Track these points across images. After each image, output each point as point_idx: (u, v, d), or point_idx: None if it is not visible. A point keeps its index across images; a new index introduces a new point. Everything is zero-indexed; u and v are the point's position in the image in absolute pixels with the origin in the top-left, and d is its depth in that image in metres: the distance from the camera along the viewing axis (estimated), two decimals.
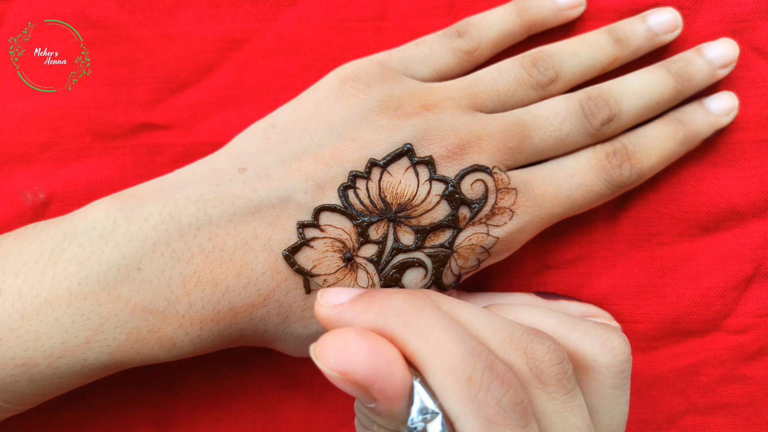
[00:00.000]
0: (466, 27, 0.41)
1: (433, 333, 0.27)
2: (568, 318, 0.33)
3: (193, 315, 0.34)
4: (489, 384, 0.26)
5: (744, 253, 0.43)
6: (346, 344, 0.27)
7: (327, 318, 0.29)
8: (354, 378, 0.26)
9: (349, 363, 0.26)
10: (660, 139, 0.40)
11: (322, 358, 0.27)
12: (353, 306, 0.29)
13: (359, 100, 0.37)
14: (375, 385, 0.26)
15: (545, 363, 0.28)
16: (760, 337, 0.43)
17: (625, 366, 0.31)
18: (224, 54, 0.43)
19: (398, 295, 0.29)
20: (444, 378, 0.26)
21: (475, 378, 0.26)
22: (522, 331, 0.29)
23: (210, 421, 0.43)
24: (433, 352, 0.27)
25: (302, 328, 0.36)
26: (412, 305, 0.28)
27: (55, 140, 0.42)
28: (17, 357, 0.32)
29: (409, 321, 0.28)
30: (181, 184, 0.36)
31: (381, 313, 0.28)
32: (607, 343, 0.31)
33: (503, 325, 0.30)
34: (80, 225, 0.34)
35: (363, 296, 0.29)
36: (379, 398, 0.27)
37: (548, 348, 0.29)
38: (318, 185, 0.35)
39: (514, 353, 0.29)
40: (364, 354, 0.27)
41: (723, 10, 0.43)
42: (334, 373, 0.27)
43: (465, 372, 0.26)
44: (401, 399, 0.27)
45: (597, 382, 0.31)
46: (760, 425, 0.43)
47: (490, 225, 0.36)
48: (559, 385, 0.29)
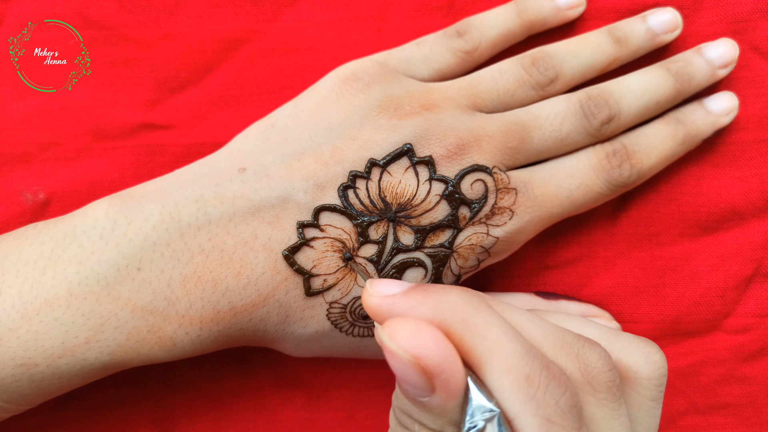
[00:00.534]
0: (466, 27, 0.41)
1: (491, 331, 0.27)
2: (609, 329, 0.33)
3: (193, 315, 0.34)
4: (547, 384, 0.26)
5: (744, 253, 0.43)
6: (419, 330, 0.26)
7: (377, 308, 0.29)
8: (425, 363, 0.25)
9: (423, 347, 0.26)
10: (660, 139, 0.40)
11: (395, 338, 0.26)
12: (407, 298, 0.28)
13: (359, 100, 0.37)
14: (443, 374, 0.26)
15: (597, 369, 0.28)
16: (760, 337, 0.43)
17: (664, 380, 0.31)
18: (224, 54, 0.43)
19: (454, 291, 0.28)
20: (503, 375, 0.26)
21: (534, 377, 0.26)
22: (572, 337, 0.29)
23: (210, 421, 0.43)
24: (491, 349, 0.27)
25: (302, 328, 0.36)
26: (468, 302, 0.28)
27: (55, 140, 0.42)
28: (17, 357, 0.32)
29: (466, 318, 0.27)
30: (181, 184, 0.36)
31: (437, 308, 0.27)
32: (649, 356, 0.31)
33: (553, 329, 0.30)
34: (80, 225, 0.34)
35: (417, 289, 0.29)
36: (441, 390, 0.26)
37: (599, 355, 0.29)
38: (318, 185, 0.35)
39: (566, 357, 0.29)
40: (437, 342, 0.26)
41: (723, 10, 0.43)
42: (406, 355, 0.26)
43: (523, 371, 0.26)
44: (459, 394, 0.26)
45: (638, 394, 0.31)
46: (760, 425, 0.43)
47: (489, 225, 0.36)
48: (609, 392, 0.28)
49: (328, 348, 0.38)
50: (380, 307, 0.29)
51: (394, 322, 0.27)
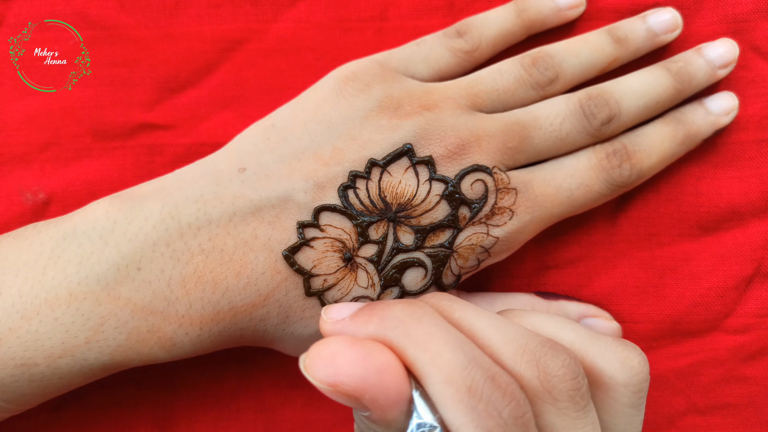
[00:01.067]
0: (466, 27, 0.41)
1: (432, 342, 0.27)
2: (588, 331, 0.32)
3: (192, 315, 0.34)
4: (490, 395, 0.26)
5: (744, 253, 0.43)
6: (334, 355, 0.27)
7: (330, 333, 0.29)
8: (343, 390, 0.26)
9: (337, 375, 0.26)
10: (660, 139, 0.40)
11: (310, 371, 0.27)
12: (354, 320, 0.29)
13: (359, 100, 0.37)
14: (366, 395, 0.26)
15: (557, 378, 0.28)
16: (760, 337, 0.43)
17: (643, 386, 0.30)
18: (224, 54, 0.43)
19: (398, 305, 0.29)
20: (443, 387, 0.26)
21: (476, 388, 0.26)
22: (536, 343, 0.28)
23: (210, 421, 0.43)
24: (432, 361, 0.26)
25: (302, 328, 0.36)
26: (410, 315, 0.28)
27: (55, 140, 0.42)
28: (17, 357, 0.32)
29: (407, 330, 0.27)
30: (181, 184, 0.36)
31: (380, 324, 0.28)
32: (626, 361, 0.30)
33: (517, 335, 0.29)
34: (80, 225, 0.34)
35: (363, 309, 0.29)
36: (372, 407, 0.26)
37: (562, 362, 0.28)
38: (318, 185, 0.35)
39: (526, 365, 0.28)
40: (353, 364, 0.26)
41: (723, 10, 0.43)
42: (323, 385, 0.26)
43: (465, 381, 0.26)
44: (395, 407, 0.27)
45: (613, 400, 0.30)
46: (760, 425, 0.43)
47: (490, 225, 0.36)
48: (571, 401, 0.28)
49: None
50: (332, 333, 0.29)
51: (313, 349, 0.27)
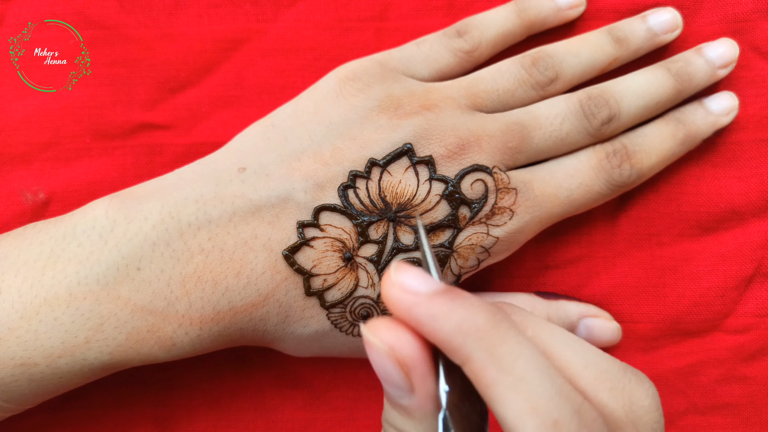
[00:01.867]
0: (466, 27, 0.41)
1: (518, 365, 0.24)
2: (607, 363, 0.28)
3: (192, 315, 0.34)
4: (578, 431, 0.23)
5: (744, 253, 0.43)
6: (398, 326, 0.25)
7: (396, 303, 0.25)
8: (400, 355, 0.25)
9: (398, 339, 0.25)
10: (660, 139, 0.40)
11: (372, 329, 0.25)
12: (431, 302, 0.25)
13: (359, 99, 0.37)
14: (418, 368, 0.25)
15: (644, 409, 0.26)
16: (760, 337, 0.43)
17: (659, 421, 0.27)
18: (224, 54, 0.43)
19: (482, 313, 0.25)
20: (527, 417, 0.23)
21: (563, 423, 0.23)
22: (618, 368, 0.27)
23: (210, 421, 0.43)
24: (516, 387, 0.24)
25: (302, 328, 0.36)
26: (496, 328, 0.25)
27: (55, 140, 0.42)
28: (17, 357, 0.32)
29: (491, 346, 0.24)
30: (181, 184, 0.36)
31: (461, 326, 0.24)
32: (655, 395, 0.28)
33: (597, 358, 0.27)
34: (80, 224, 0.34)
35: (445, 296, 0.25)
36: (418, 388, 0.25)
37: (647, 392, 0.26)
38: (318, 185, 0.35)
39: (609, 393, 0.26)
40: (414, 338, 0.25)
41: (723, 10, 0.43)
42: (382, 344, 0.25)
43: (551, 414, 0.23)
44: (436, 399, 0.25)
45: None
46: (760, 425, 0.43)
47: (490, 225, 0.36)
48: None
49: (328, 348, 0.38)
50: (399, 302, 0.25)
51: (377, 319, 0.26)
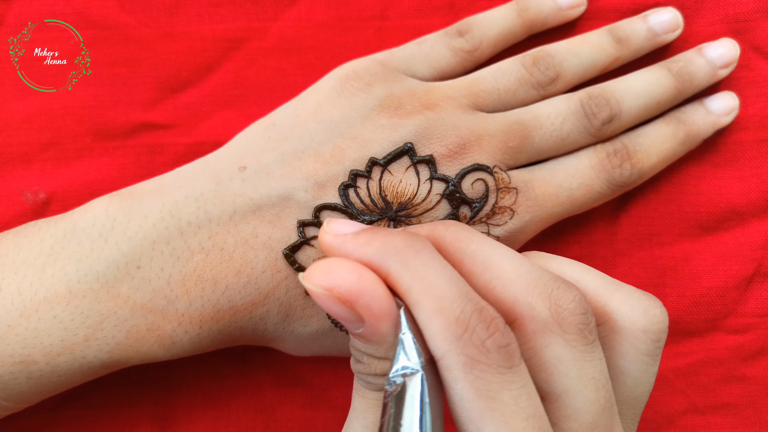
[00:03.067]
0: (467, 26, 0.41)
1: (428, 273, 0.27)
2: (612, 279, 0.32)
3: (192, 313, 0.34)
4: (475, 326, 0.26)
5: (744, 253, 0.43)
6: (330, 265, 0.27)
7: (329, 245, 0.29)
8: (339, 293, 0.27)
9: (333, 279, 0.27)
10: (660, 138, 0.40)
11: (308, 278, 0.27)
12: (355, 238, 0.29)
13: (360, 99, 0.37)
14: (360, 299, 0.26)
15: (568, 311, 0.28)
16: (760, 337, 0.43)
17: (662, 336, 0.31)
18: (225, 53, 0.43)
19: (400, 235, 0.29)
20: (432, 316, 0.26)
21: (463, 319, 0.26)
22: (549, 278, 0.29)
23: (210, 420, 0.43)
24: (426, 291, 0.27)
25: (302, 327, 0.36)
26: (411, 246, 0.28)
27: (55, 140, 0.42)
28: (16, 354, 0.32)
29: (406, 259, 0.27)
30: (181, 183, 0.36)
31: (380, 248, 0.28)
32: (649, 309, 0.31)
33: (531, 270, 0.29)
34: (80, 223, 0.34)
35: (366, 230, 0.29)
36: (365, 315, 0.27)
37: (573, 297, 0.28)
38: (318, 184, 0.35)
39: (537, 297, 0.28)
40: (348, 272, 0.27)
41: (724, 10, 0.43)
42: (319, 289, 0.27)
43: (453, 312, 0.26)
44: (388, 317, 0.27)
45: (631, 345, 0.30)
46: (760, 425, 0.43)
47: (490, 224, 0.36)
48: (580, 334, 0.28)
49: (328, 347, 0.38)
50: (331, 245, 0.29)
51: (312, 265, 0.28)
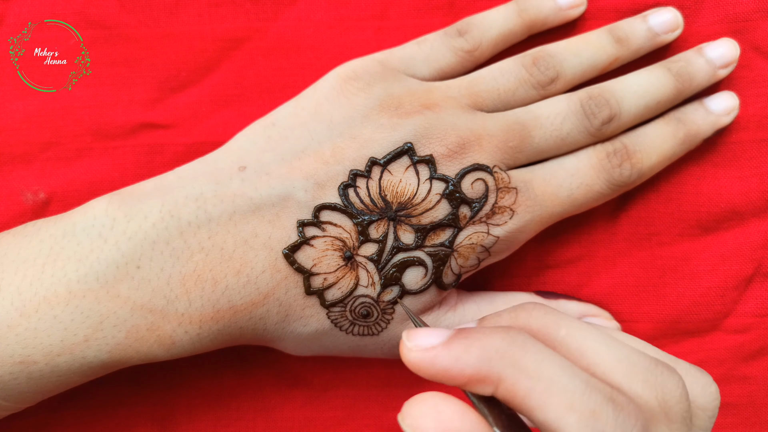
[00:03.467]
0: (467, 26, 0.41)
1: (545, 369, 0.25)
2: (668, 356, 0.31)
3: (192, 313, 0.34)
4: (617, 417, 0.25)
5: (744, 253, 0.43)
6: (438, 407, 0.25)
7: (419, 363, 0.26)
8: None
9: (448, 429, 0.25)
10: (660, 138, 0.40)
11: (415, 426, 0.25)
12: (449, 349, 0.26)
13: (360, 98, 0.37)
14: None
15: (674, 399, 0.27)
16: (760, 337, 0.43)
17: (716, 412, 0.30)
18: (225, 53, 0.43)
19: (497, 334, 0.26)
20: (566, 414, 0.24)
21: (600, 411, 0.24)
22: (649, 362, 0.27)
23: (210, 420, 0.43)
24: (548, 389, 0.25)
25: (302, 327, 0.36)
26: (513, 343, 0.26)
27: (55, 140, 0.42)
28: (16, 354, 0.32)
29: (516, 360, 0.25)
30: (181, 183, 0.36)
31: (482, 355, 0.26)
32: (706, 387, 0.29)
33: (629, 354, 0.28)
34: (79, 223, 0.34)
35: (458, 337, 0.26)
36: None
37: (677, 383, 0.27)
38: (318, 184, 0.35)
39: (642, 385, 0.27)
40: (460, 417, 0.25)
41: (724, 10, 0.43)
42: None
43: (588, 406, 0.24)
44: None
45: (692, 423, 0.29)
46: (760, 425, 0.43)
47: (490, 224, 0.36)
48: (683, 423, 0.27)
49: (328, 347, 0.38)
50: (421, 362, 0.26)
51: (411, 404, 0.26)
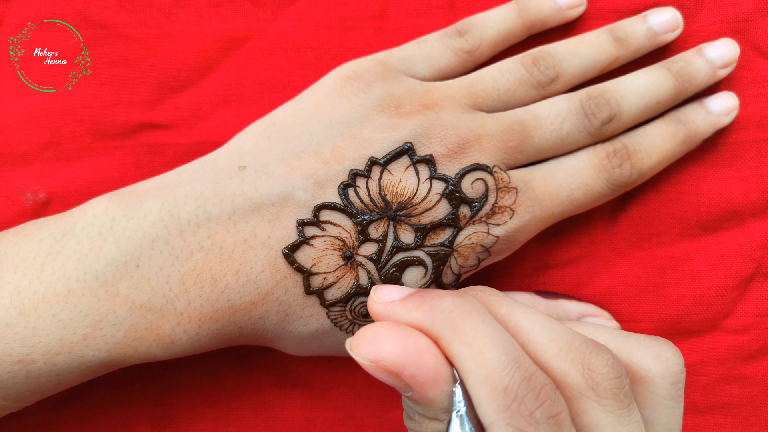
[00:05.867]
0: (467, 26, 0.41)
1: (477, 339, 0.28)
2: (620, 331, 0.33)
3: (191, 312, 0.34)
4: (524, 395, 0.27)
5: (744, 253, 0.43)
6: (376, 335, 0.28)
7: (378, 313, 0.31)
8: (384, 365, 0.28)
9: (378, 351, 0.28)
10: (660, 138, 0.40)
11: (355, 349, 0.28)
12: (403, 304, 0.30)
13: (360, 98, 0.37)
14: (405, 371, 0.27)
15: (602, 375, 0.28)
16: (760, 337, 0.43)
17: (680, 377, 0.31)
18: (225, 53, 0.43)
19: (448, 297, 0.29)
20: (481, 385, 0.27)
21: (512, 388, 0.27)
22: (581, 342, 0.29)
23: (209, 420, 0.43)
24: (474, 358, 0.27)
25: (301, 327, 0.36)
26: (461, 308, 0.29)
27: (55, 140, 0.42)
28: (14, 353, 0.32)
29: (455, 324, 0.28)
30: (181, 182, 0.36)
31: (429, 313, 0.29)
32: (660, 353, 0.31)
33: (562, 334, 0.30)
34: (79, 222, 0.34)
35: (414, 295, 0.30)
36: (412, 384, 0.28)
37: (606, 361, 0.29)
38: (318, 183, 0.35)
39: (570, 363, 0.29)
40: (393, 342, 0.28)
41: (724, 10, 0.43)
42: (366, 361, 0.28)
43: (502, 381, 0.27)
44: (434, 386, 0.28)
45: (652, 393, 0.31)
46: (759, 425, 0.43)
47: (490, 224, 0.36)
48: (615, 399, 0.28)
49: (328, 347, 0.38)
50: (380, 313, 0.30)
51: (359, 332, 0.29)
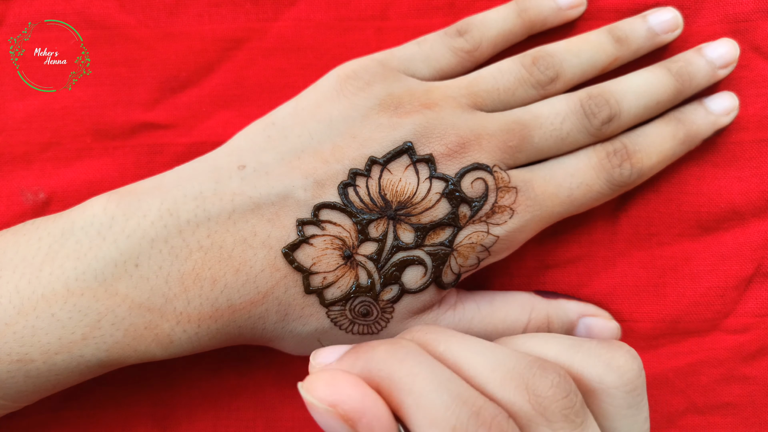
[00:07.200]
0: (467, 26, 0.41)
1: (416, 383, 0.27)
2: (571, 340, 0.31)
3: (190, 312, 0.34)
4: (475, 431, 0.26)
5: (744, 253, 0.43)
6: (334, 377, 0.27)
7: (319, 379, 0.29)
8: (343, 409, 0.26)
9: (338, 394, 0.27)
10: (660, 138, 0.40)
11: (311, 391, 0.27)
12: (340, 364, 0.29)
13: (360, 98, 0.37)
14: (363, 419, 0.26)
15: (549, 399, 0.27)
16: (760, 337, 0.43)
17: (636, 383, 0.30)
18: (225, 53, 0.43)
19: (381, 347, 0.29)
20: (429, 429, 0.26)
21: (460, 427, 0.26)
22: (524, 365, 0.28)
23: (210, 420, 0.43)
24: (417, 404, 0.26)
25: (301, 326, 0.36)
26: (393, 356, 0.28)
27: (55, 140, 0.42)
28: (13, 353, 0.32)
29: (391, 373, 0.27)
30: (180, 181, 0.36)
31: (365, 367, 0.28)
32: (611, 362, 0.30)
33: (504, 360, 0.29)
34: (78, 221, 0.34)
35: (349, 353, 0.29)
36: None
37: (551, 381, 0.28)
38: (318, 183, 0.35)
39: (515, 390, 0.28)
40: (353, 388, 0.27)
41: (724, 10, 0.43)
42: (323, 405, 0.27)
43: (449, 421, 0.26)
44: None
45: (608, 404, 0.30)
46: (759, 425, 0.43)
47: (490, 223, 0.36)
48: (566, 420, 0.27)
49: None
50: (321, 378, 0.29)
51: (312, 375, 0.28)
